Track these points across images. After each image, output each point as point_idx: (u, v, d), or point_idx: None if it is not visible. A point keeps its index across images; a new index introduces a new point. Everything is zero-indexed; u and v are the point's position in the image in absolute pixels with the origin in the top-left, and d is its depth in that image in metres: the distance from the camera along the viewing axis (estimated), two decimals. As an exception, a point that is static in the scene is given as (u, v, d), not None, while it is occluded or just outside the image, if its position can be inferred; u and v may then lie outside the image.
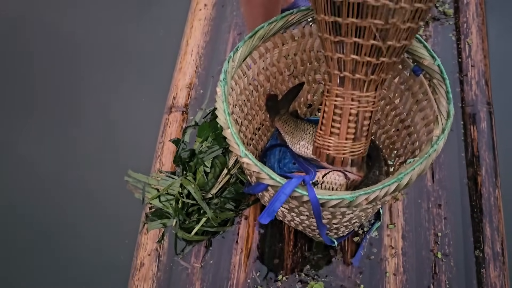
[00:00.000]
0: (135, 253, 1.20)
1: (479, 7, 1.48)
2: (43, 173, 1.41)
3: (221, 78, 0.85)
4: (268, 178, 0.76)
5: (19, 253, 1.30)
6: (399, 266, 1.14)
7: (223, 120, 0.81)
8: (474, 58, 1.40)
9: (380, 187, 0.74)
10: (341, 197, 0.73)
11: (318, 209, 0.75)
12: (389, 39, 0.73)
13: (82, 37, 1.65)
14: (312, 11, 0.93)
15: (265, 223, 0.76)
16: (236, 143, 0.79)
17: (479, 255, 1.14)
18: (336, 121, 0.86)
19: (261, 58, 0.99)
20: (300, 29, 0.98)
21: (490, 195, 1.21)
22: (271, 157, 1.20)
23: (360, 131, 0.86)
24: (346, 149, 0.88)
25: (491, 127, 1.30)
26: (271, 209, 0.75)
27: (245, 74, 0.97)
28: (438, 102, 0.82)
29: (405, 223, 1.19)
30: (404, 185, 0.75)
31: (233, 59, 0.88)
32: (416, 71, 0.90)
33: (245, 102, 1.03)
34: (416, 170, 0.75)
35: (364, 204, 0.75)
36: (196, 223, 1.17)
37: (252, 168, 0.76)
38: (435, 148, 0.77)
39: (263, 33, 0.92)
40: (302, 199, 0.75)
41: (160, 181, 1.25)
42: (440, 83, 0.83)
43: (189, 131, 1.33)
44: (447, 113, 0.80)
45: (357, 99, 0.82)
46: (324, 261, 1.15)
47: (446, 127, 0.78)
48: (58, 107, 1.52)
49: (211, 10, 1.56)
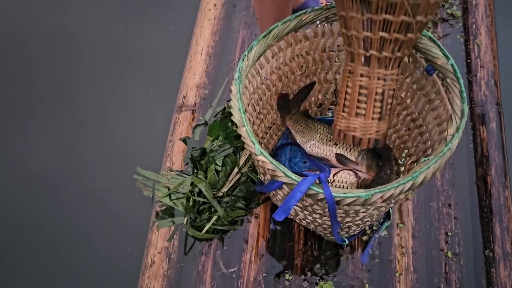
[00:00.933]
0: (145, 251, 1.21)
1: (488, 8, 1.49)
2: (53, 171, 1.41)
3: (236, 77, 0.86)
4: (283, 176, 0.76)
5: (29, 252, 1.30)
6: (409, 265, 1.15)
7: (238, 118, 0.82)
8: (483, 58, 1.41)
9: (395, 185, 0.74)
10: (356, 195, 0.74)
11: (334, 207, 0.76)
12: (419, 14, 0.73)
13: (93, 37, 1.66)
14: (325, 11, 0.94)
15: (280, 220, 0.76)
16: (252, 141, 0.79)
17: (489, 255, 1.15)
18: (361, 101, 0.85)
19: (274, 57, 1.00)
20: (313, 28, 0.99)
21: (499, 194, 1.21)
22: (282, 156, 1.20)
23: (385, 109, 0.86)
24: (372, 129, 0.88)
25: (501, 127, 1.30)
26: (286, 206, 0.75)
27: (259, 73, 0.98)
28: (452, 101, 0.82)
29: (415, 223, 1.20)
30: (419, 183, 0.75)
31: (247, 58, 0.89)
32: (429, 71, 0.90)
33: (258, 101, 1.03)
34: (431, 169, 0.75)
35: (379, 202, 0.76)
36: (207, 222, 1.17)
37: (267, 166, 0.77)
38: (449, 147, 0.77)
39: (277, 32, 0.92)
40: (317, 196, 0.75)
41: (170, 179, 1.26)
42: (454, 82, 0.83)
43: (198, 130, 1.33)
44: (461, 112, 0.80)
45: (383, 77, 0.82)
46: (334, 260, 1.16)
47: (460, 126, 0.79)
48: (66, 108, 1.53)
49: (221, 9, 1.56)
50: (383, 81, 0.82)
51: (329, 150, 1.12)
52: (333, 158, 1.13)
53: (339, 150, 1.12)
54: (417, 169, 0.75)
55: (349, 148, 1.12)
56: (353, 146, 0.94)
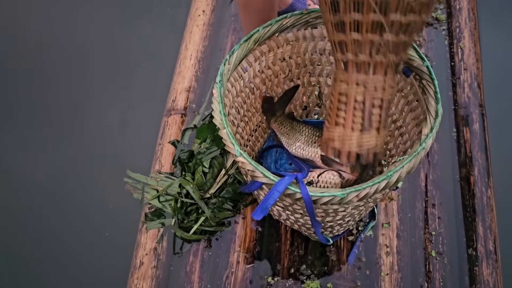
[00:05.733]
0: (134, 252, 1.23)
1: (471, 12, 1.51)
2: (42, 175, 1.43)
3: (217, 80, 0.89)
4: (262, 176, 0.78)
5: (20, 257, 1.32)
6: (394, 264, 1.16)
7: (219, 121, 0.84)
8: (466, 61, 1.43)
9: (370, 184, 0.76)
10: (332, 194, 0.76)
11: (311, 206, 0.78)
12: (391, 12, 0.67)
13: (81, 42, 1.69)
14: (305, 15, 0.96)
15: (259, 219, 0.78)
16: (232, 143, 0.82)
17: (472, 254, 1.17)
18: (341, 109, 0.78)
19: (257, 61, 1.02)
20: (295, 32, 1.02)
21: (482, 194, 1.24)
22: (268, 158, 1.23)
23: (368, 121, 0.77)
24: (352, 141, 0.79)
25: (484, 129, 1.33)
26: (264, 205, 0.78)
27: (241, 76, 1.00)
28: (427, 102, 0.85)
29: (400, 223, 1.22)
30: (394, 182, 0.77)
31: (229, 62, 0.91)
32: (406, 72, 0.92)
33: (242, 104, 1.06)
34: (405, 168, 0.78)
35: (355, 201, 0.78)
36: (195, 223, 1.19)
37: (247, 167, 0.79)
38: (423, 146, 0.79)
39: (258, 37, 0.95)
40: (295, 196, 0.78)
41: (159, 182, 1.28)
42: (429, 83, 0.86)
43: (188, 133, 1.36)
44: (435, 112, 0.82)
45: (362, 83, 0.75)
46: (320, 260, 1.18)
47: (434, 125, 0.81)
48: (56, 110, 1.55)
49: (210, 15, 1.59)
50: (363, 87, 0.75)
51: (314, 151, 1.14)
52: (318, 159, 1.15)
53: (324, 152, 1.15)
54: (391, 168, 0.78)
55: (333, 149, 1.14)
56: (334, 157, 0.82)
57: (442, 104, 0.85)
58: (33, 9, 1.78)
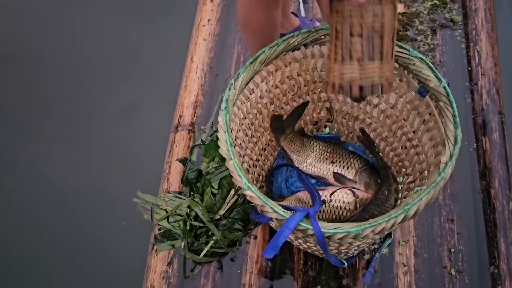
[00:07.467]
0: (145, 275, 1.21)
1: (488, 13, 1.44)
2: (51, 195, 1.42)
3: (222, 107, 0.85)
4: (271, 212, 0.75)
5: (23, 274, 1.32)
6: (412, 284, 1.12)
7: (225, 151, 0.80)
8: (484, 66, 1.37)
9: (387, 219, 0.72)
10: (346, 231, 0.72)
11: (324, 241, 0.74)
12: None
13: (88, 53, 1.66)
14: (313, 33, 0.92)
15: (270, 257, 0.75)
16: (239, 175, 0.78)
17: (494, 271, 1.12)
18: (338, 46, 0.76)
19: (264, 82, 0.98)
20: (303, 50, 0.97)
21: (504, 208, 1.18)
22: (278, 176, 1.19)
23: (368, 51, 0.75)
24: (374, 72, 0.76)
25: (503, 138, 1.27)
26: (275, 243, 0.74)
27: (248, 98, 0.96)
28: (445, 126, 0.80)
29: (417, 239, 1.17)
30: (412, 215, 0.73)
31: (234, 87, 0.87)
32: (421, 93, 0.88)
33: (249, 125, 1.02)
34: (424, 200, 0.73)
35: (371, 236, 0.74)
36: (205, 245, 1.16)
37: (256, 201, 0.76)
38: (442, 176, 0.75)
39: (264, 58, 0.91)
40: (307, 232, 0.74)
41: (168, 202, 1.25)
42: (447, 105, 0.81)
43: (196, 150, 1.32)
44: (454, 139, 0.78)
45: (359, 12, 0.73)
46: (335, 280, 1.14)
47: (453, 153, 0.76)
48: (64, 129, 1.53)
49: (215, 25, 1.55)
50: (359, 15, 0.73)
51: (326, 168, 1.10)
52: (330, 177, 1.11)
53: (336, 169, 1.10)
54: (409, 201, 0.73)
55: (346, 166, 1.10)
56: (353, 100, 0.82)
57: (459, 112, 0.81)
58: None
